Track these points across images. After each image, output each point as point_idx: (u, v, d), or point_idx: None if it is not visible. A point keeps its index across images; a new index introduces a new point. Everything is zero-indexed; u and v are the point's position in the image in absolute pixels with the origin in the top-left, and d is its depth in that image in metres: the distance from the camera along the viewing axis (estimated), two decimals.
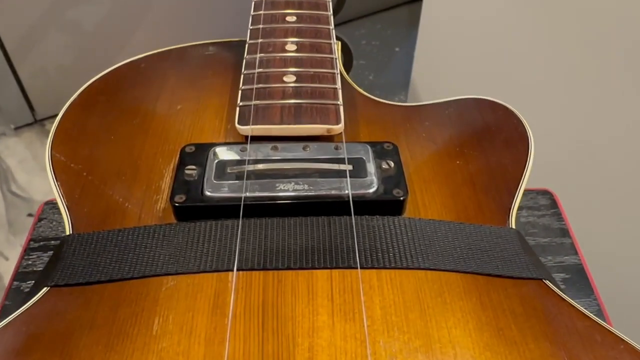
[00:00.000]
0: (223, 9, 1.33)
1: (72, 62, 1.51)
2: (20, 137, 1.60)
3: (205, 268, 0.27)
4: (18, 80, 1.49)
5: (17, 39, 1.40)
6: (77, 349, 0.25)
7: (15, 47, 1.40)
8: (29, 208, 1.41)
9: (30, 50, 1.45)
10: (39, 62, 1.47)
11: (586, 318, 0.27)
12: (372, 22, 1.71)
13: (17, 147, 1.58)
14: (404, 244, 0.28)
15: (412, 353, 0.24)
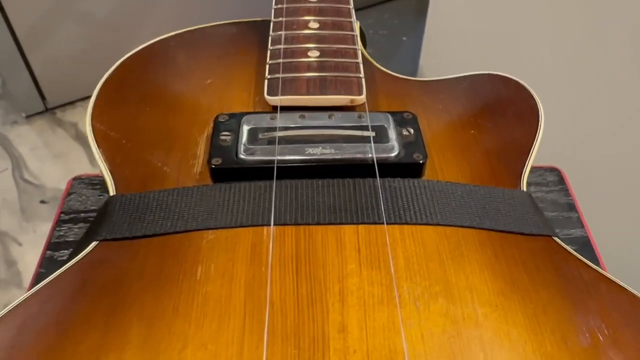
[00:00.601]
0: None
1: (82, 51, 1.53)
2: (31, 125, 1.62)
3: (242, 223, 0.30)
4: (29, 69, 1.51)
5: (29, 28, 1.41)
6: (129, 293, 0.27)
7: (26, 37, 1.42)
8: (41, 195, 1.43)
9: (42, 39, 1.47)
10: (50, 52, 1.49)
11: (592, 270, 0.30)
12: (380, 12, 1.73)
13: (28, 135, 1.60)
14: (424, 202, 0.31)
15: (433, 296, 0.27)
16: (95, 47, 1.51)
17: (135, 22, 1.46)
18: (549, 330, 0.26)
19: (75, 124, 1.59)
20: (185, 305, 0.27)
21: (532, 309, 0.27)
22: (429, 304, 0.27)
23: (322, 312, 0.26)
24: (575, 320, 0.27)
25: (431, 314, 0.26)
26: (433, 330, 0.26)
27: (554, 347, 0.26)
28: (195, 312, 0.26)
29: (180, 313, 0.26)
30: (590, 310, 0.28)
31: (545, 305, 0.28)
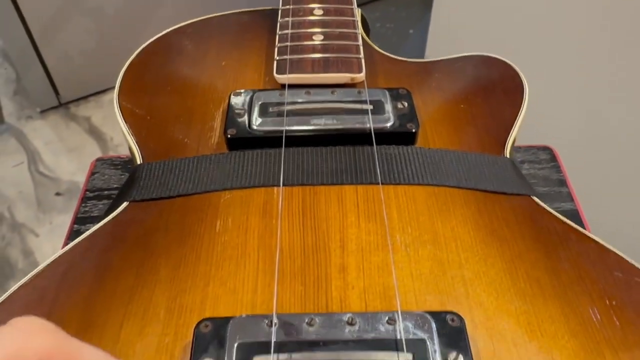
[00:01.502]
0: None
1: (94, 46, 1.57)
2: (46, 120, 1.67)
3: (255, 184, 0.34)
4: (43, 65, 1.54)
5: (42, 24, 1.45)
6: (157, 244, 0.32)
7: (40, 33, 1.46)
8: (57, 187, 1.48)
9: (55, 35, 1.50)
10: (64, 47, 1.52)
11: (564, 223, 0.34)
12: (386, 5, 1.77)
13: (43, 129, 1.65)
14: (416, 166, 0.35)
15: (422, 244, 0.31)
16: (107, 43, 1.56)
17: (145, 16, 1.50)
18: (523, 271, 0.31)
19: (89, 118, 1.64)
20: (206, 252, 0.31)
21: (509, 254, 0.32)
22: (418, 250, 0.31)
23: (325, 256, 0.31)
24: (547, 264, 0.31)
25: (420, 258, 0.31)
26: (421, 271, 0.30)
27: (526, 284, 0.30)
28: (215, 257, 0.31)
29: (202, 258, 0.31)
30: (561, 256, 0.32)
31: (522, 252, 0.32)
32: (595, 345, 0.28)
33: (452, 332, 0.27)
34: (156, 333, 0.28)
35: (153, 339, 0.28)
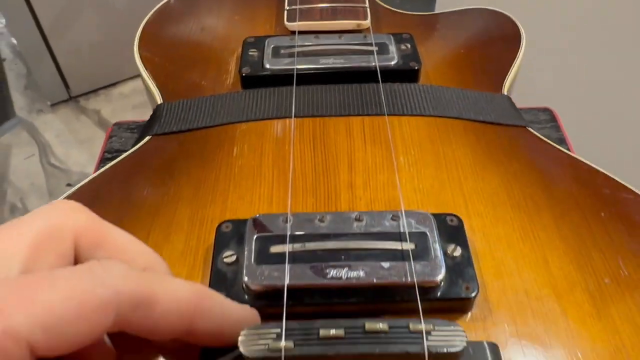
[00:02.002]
0: None
1: (104, 41, 1.60)
2: (56, 113, 1.70)
3: (269, 116, 0.37)
4: (54, 60, 1.58)
5: (53, 20, 1.49)
6: (179, 168, 0.35)
7: (51, 28, 1.49)
8: (68, 178, 1.51)
9: (66, 30, 1.54)
10: (74, 42, 1.56)
11: (558, 149, 0.37)
12: None
13: (54, 122, 1.68)
14: (419, 100, 0.38)
15: (425, 165, 0.34)
16: (116, 37, 1.59)
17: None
18: (518, 189, 0.34)
19: (98, 111, 1.68)
20: (224, 174, 0.34)
21: (505, 174, 0.34)
22: (420, 170, 0.34)
23: (335, 175, 0.34)
24: (540, 182, 0.34)
25: (422, 176, 0.34)
26: (423, 186, 0.33)
27: (521, 199, 0.33)
28: (233, 177, 0.34)
29: (221, 179, 0.34)
30: (553, 176, 0.35)
31: (516, 172, 0.35)
32: (584, 247, 0.31)
33: (452, 229, 0.30)
34: (181, 239, 0.31)
35: (178, 244, 0.31)
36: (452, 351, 0.23)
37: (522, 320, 0.27)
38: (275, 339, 0.23)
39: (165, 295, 0.22)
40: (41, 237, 0.23)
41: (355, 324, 0.23)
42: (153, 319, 0.22)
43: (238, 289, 0.27)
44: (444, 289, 0.27)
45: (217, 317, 0.23)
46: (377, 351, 0.23)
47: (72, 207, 0.24)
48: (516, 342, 0.27)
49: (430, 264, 0.27)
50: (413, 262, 0.27)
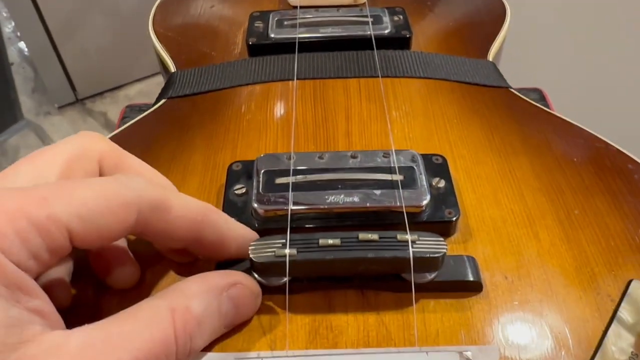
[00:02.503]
0: None
1: (110, 44, 1.65)
2: (63, 115, 1.75)
3: (273, 78, 0.41)
4: (62, 63, 1.62)
5: (61, 23, 1.53)
6: (193, 123, 0.39)
7: (58, 31, 1.54)
8: None
9: (73, 34, 1.59)
10: (81, 45, 1.60)
11: (536, 106, 0.41)
12: None
13: (61, 124, 1.73)
14: (410, 63, 0.42)
15: (415, 117, 0.38)
16: (122, 40, 1.64)
17: None
18: (498, 137, 0.38)
19: (105, 114, 1.73)
20: (234, 126, 0.38)
21: (487, 125, 0.38)
22: (410, 121, 0.38)
23: (333, 125, 0.38)
24: (519, 132, 0.38)
25: (412, 126, 0.38)
26: (413, 134, 0.37)
27: (501, 145, 0.37)
28: (242, 129, 0.38)
29: (230, 130, 0.38)
30: (531, 127, 0.39)
31: (497, 124, 0.39)
32: (557, 184, 0.35)
33: (437, 166, 0.34)
34: (196, 180, 0.35)
35: (193, 183, 0.35)
36: (434, 256, 0.27)
37: (499, 242, 0.31)
38: (280, 247, 0.27)
39: (179, 203, 0.26)
40: (73, 157, 0.27)
41: (350, 234, 0.27)
42: (168, 223, 0.26)
43: (247, 216, 0.31)
44: (429, 213, 0.31)
45: (221, 229, 0.28)
46: (368, 256, 0.27)
47: (97, 136, 0.29)
48: (494, 260, 0.31)
49: (416, 192, 0.31)
50: (401, 190, 0.31)
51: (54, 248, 0.23)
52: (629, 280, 0.30)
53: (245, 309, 0.27)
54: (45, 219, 0.22)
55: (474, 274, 0.29)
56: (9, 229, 0.21)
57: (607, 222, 0.33)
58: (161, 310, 0.23)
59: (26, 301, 0.22)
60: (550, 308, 0.29)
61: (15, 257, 0.21)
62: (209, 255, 0.29)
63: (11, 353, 0.20)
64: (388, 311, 0.28)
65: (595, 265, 0.30)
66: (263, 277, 0.28)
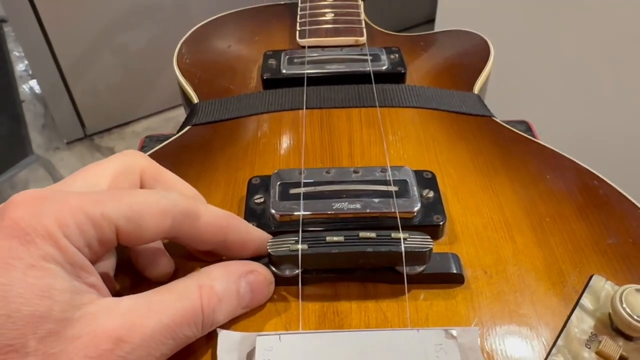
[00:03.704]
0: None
1: (119, 82, 1.73)
2: (71, 150, 1.81)
3: (285, 108, 0.48)
4: (72, 100, 1.69)
5: (73, 62, 1.61)
6: (214, 146, 0.46)
7: (70, 69, 1.61)
8: None
9: (84, 72, 1.66)
10: (91, 83, 1.68)
11: (516, 132, 0.47)
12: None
13: (69, 159, 1.79)
14: (405, 95, 0.49)
15: (409, 141, 0.45)
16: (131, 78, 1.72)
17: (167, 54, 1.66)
18: (482, 159, 0.44)
19: (112, 149, 1.80)
20: (252, 149, 0.45)
21: (472, 149, 0.45)
22: (405, 145, 0.45)
23: (338, 148, 0.44)
24: (500, 155, 0.45)
25: (406, 149, 0.44)
26: (407, 156, 0.44)
27: (484, 166, 0.43)
28: (258, 151, 0.45)
29: (249, 152, 0.45)
30: (511, 151, 0.45)
31: (481, 148, 0.45)
32: (530, 197, 0.41)
33: (427, 180, 0.40)
34: (219, 194, 0.41)
35: (217, 197, 0.41)
36: (422, 250, 0.33)
37: (480, 244, 0.37)
38: (294, 243, 0.33)
39: (207, 212, 0.33)
40: (119, 171, 0.34)
41: (352, 233, 0.33)
42: (197, 228, 0.32)
43: (265, 220, 0.37)
44: (419, 218, 0.37)
45: (242, 232, 0.34)
46: (368, 250, 0.33)
47: (138, 153, 0.35)
48: (475, 258, 0.36)
49: (409, 200, 0.38)
50: (396, 199, 0.37)
51: (104, 240, 0.29)
52: (590, 275, 0.36)
53: (260, 294, 0.33)
54: (99, 215, 0.28)
55: (457, 268, 0.34)
56: (71, 220, 0.27)
57: (574, 229, 0.39)
58: (191, 286, 0.29)
59: (85, 277, 0.28)
60: (523, 298, 0.34)
61: (75, 243, 0.27)
62: (232, 256, 0.35)
63: (76, 311, 0.26)
64: (385, 299, 0.34)
65: (562, 264, 0.36)
66: (278, 269, 0.34)
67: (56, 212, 0.27)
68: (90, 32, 1.58)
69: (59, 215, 0.27)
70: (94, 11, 1.53)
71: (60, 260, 0.26)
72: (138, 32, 1.64)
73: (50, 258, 0.26)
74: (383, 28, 0.62)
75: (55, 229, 0.27)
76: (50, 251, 0.26)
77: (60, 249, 0.27)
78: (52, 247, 0.26)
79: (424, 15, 1.94)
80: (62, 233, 0.27)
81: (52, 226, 0.27)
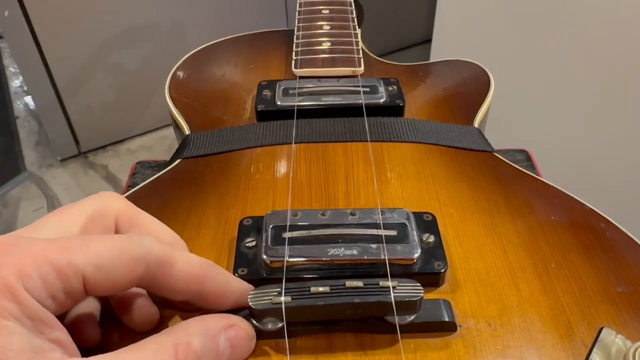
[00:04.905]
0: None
1: (114, 99, 1.71)
2: (65, 167, 1.79)
3: (278, 142, 0.46)
4: (66, 116, 1.68)
5: (68, 79, 1.59)
6: (206, 182, 0.44)
7: (65, 87, 1.60)
8: None
9: (79, 89, 1.64)
10: (86, 99, 1.66)
11: (518, 169, 0.45)
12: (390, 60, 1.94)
13: (62, 176, 1.77)
14: (403, 129, 0.47)
15: (408, 178, 0.43)
16: (125, 96, 1.70)
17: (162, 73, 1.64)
18: (483, 197, 0.42)
19: (106, 166, 1.77)
20: (244, 185, 0.43)
21: (473, 186, 0.43)
22: (404, 182, 0.43)
23: (334, 186, 0.42)
24: (502, 193, 0.43)
25: (405, 187, 0.42)
26: (406, 194, 0.42)
27: (485, 205, 0.41)
28: (251, 188, 0.42)
29: (241, 189, 0.42)
30: (513, 189, 0.43)
31: (482, 185, 0.43)
32: (536, 240, 0.39)
33: (427, 223, 0.38)
34: (209, 234, 0.39)
35: (207, 237, 0.39)
36: (412, 300, 0.31)
37: (483, 292, 0.35)
38: (276, 295, 0.31)
39: (182, 260, 0.30)
40: (93, 214, 0.31)
41: (338, 282, 0.31)
42: (172, 277, 0.30)
43: (257, 266, 0.35)
44: (420, 265, 0.35)
45: (220, 282, 0.32)
46: (355, 301, 0.30)
47: (115, 196, 0.33)
48: (478, 308, 0.34)
49: (408, 246, 0.35)
50: (393, 245, 0.35)
51: (70, 291, 0.27)
52: (600, 327, 0.33)
53: (240, 350, 0.31)
54: (65, 264, 0.26)
55: (448, 315, 0.32)
56: (34, 271, 0.25)
57: (581, 275, 0.36)
58: (166, 344, 0.27)
59: (48, 332, 0.25)
60: (529, 353, 0.32)
61: (37, 296, 0.25)
62: (210, 307, 0.32)
63: None
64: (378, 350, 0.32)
65: (570, 314, 0.34)
66: (260, 323, 0.31)
67: (17, 262, 0.25)
68: (86, 50, 1.57)
69: (20, 264, 0.25)
70: (90, 29, 1.52)
71: (18, 316, 0.24)
72: (134, 51, 1.63)
73: (6, 313, 0.24)
74: (380, 48, 0.60)
75: (15, 281, 0.24)
76: (7, 306, 0.24)
77: (19, 302, 0.24)
78: (10, 302, 0.24)
79: (420, 35, 1.93)
80: (23, 285, 0.25)
81: (10, 277, 0.24)
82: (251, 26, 0.65)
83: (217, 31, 0.59)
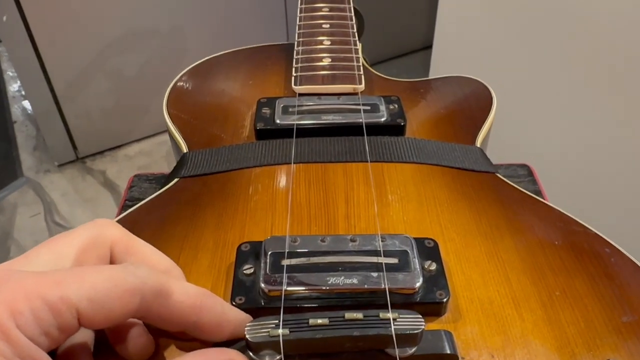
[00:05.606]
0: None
1: (113, 104, 1.70)
2: (63, 173, 1.78)
3: (278, 162, 0.45)
4: (64, 122, 1.67)
5: (66, 84, 1.59)
6: (204, 203, 0.43)
7: (63, 92, 1.59)
8: None
9: (77, 94, 1.64)
10: (84, 106, 1.65)
11: (521, 191, 0.45)
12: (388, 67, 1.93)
13: (60, 181, 1.76)
14: (404, 150, 0.46)
15: (409, 200, 0.42)
16: (124, 102, 1.69)
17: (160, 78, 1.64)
18: (485, 220, 0.41)
19: (104, 172, 1.76)
20: (242, 207, 0.42)
21: (475, 209, 0.42)
22: (405, 205, 0.42)
23: (334, 208, 0.41)
24: (505, 216, 0.42)
25: (407, 210, 0.42)
26: (407, 217, 0.41)
27: (487, 228, 0.41)
28: (250, 210, 0.42)
29: (239, 210, 0.42)
30: (516, 212, 0.42)
31: (485, 207, 0.42)
32: (539, 267, 0.38)
33: (429, 250, 0.37)
34: (207, 258, 0.38)
35: (205, 261, 0.38)
36: (413, 332, 0.30)
37: (486, 322, 0.34)
38: (274, 327, 0.30)
39: (179, 290, 0.30)
40: (86, 243, 0.31)
41: (337, 314, 0.30)
42: (168, 308, 0.29)
43: (255, 294, 0.34)
44: (421, 295, 0.34)
45: (218, 313, 0.31)
46: (354, 334, 0.30)
47: (109, 223, 0.32)
48: (481, 339, 0.33)
49: (410, 275, 0.35)
50: (394, 273, 0.34)
51: (64, 326, 0.26)
52: (606, 359, 0.33)
53: None
54: (58, 299, 0.25)
55: (450, 347, 0.32)
56: (26, 307, 0.24)
57: (586, 304, 0.36)
58: None
59: None
60: None
61: (29, 333, 0.24)
62: (206, 338, 0.32)
63: None
64: None
65: (575, 346, 0.33)
66: (257, 356, 0.30)
67: (8, 298, 0.24)
68: (84, 55, 1.56)
69: (12, 301, 0.24)
70: (88, 34, 1.52)
71: (9, 356, 0.23)
72: (132, 56, 1.62)
73: None
74: (380, 55, 0.59)
75: (6, 319, 0.24)
76: None
77: (10, 341, 0.24)
78: (1, 340, 0.23)
79: (421, 41, 1.92)
80: (14, 322, 0.24)
81: (1, 315, 0.24)
82: (250, 32, 0.64)
83: (216, 37, 0.58)
